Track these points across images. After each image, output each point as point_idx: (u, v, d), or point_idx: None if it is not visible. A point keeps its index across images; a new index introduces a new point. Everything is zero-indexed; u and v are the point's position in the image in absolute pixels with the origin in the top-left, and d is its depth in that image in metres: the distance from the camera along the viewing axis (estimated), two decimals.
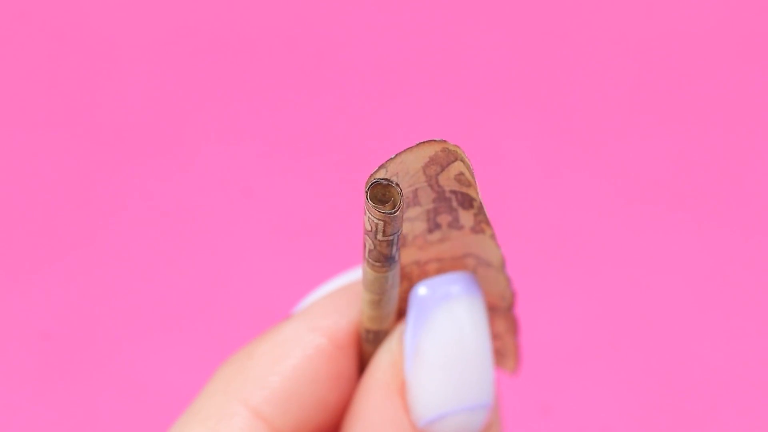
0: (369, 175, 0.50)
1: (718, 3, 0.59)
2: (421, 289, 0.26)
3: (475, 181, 0.24)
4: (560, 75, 0.57)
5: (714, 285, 0.52)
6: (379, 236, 0.23)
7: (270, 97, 0.57)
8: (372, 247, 0.24)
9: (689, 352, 0.51)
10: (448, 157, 0.24)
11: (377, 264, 0.24)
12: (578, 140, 0.56)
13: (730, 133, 0.56)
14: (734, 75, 0.58)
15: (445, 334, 0.26)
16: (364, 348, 0.27)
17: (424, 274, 0.27)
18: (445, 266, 0.26)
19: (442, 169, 0.24)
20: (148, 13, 0.59)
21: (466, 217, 0.25)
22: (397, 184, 0.23)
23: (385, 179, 0.23)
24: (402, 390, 0.26)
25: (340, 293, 0.27)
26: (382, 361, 0.26)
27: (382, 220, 0.23)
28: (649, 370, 0.50)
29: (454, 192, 0.25)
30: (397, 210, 0.23)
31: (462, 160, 0.24)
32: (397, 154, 0.24)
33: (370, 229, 0.23)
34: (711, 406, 0.50)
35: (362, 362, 0.27)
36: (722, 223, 0.54)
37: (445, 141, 0.24)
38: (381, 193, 0.23)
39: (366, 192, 0.23)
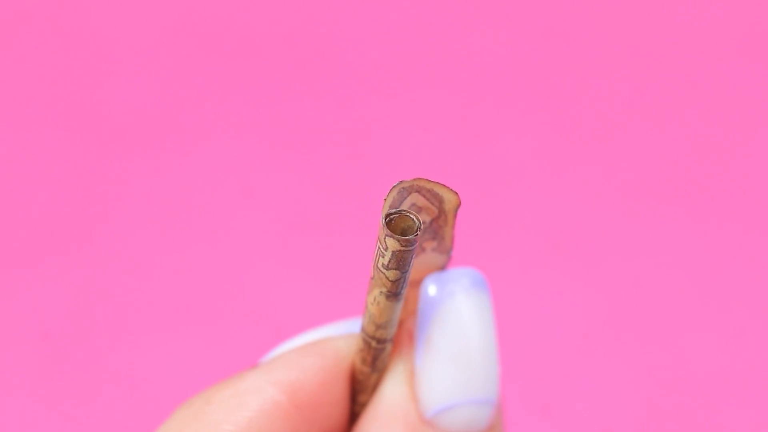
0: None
1: (718, 3, 0.59)
2: (431, 288, 0.26)
3: (434, 201, 0.25)
4: (561, 72, 0.57)
5: (715, 283, 0.52)
6: (390, 265, 0.23)
7: (270, 95, 0.57)
8: (384, 277, 0.24)
9: (690, 352, 0.51)
10: (402, 195, 0.24)
11: (390, 293, 0.24)
12: (579, 137, 0.56)
13: (731, 131, 0.56)
14: (734, 74, 0.57)
15: (452, 328, 0.26)
16: (358, 398, 0.27)
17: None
18: None
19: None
20: (147, 11, 0.59)
21: None
22: (417, 216, 0.23)
23: (402, 210, 0.23)
24: (411, 380, 0.26)
25: (309, 350, 0.27)
26: (395, 357, 0.27)
27: (399, 249, 0.23)
28: (650, 370, 0.50)
29: None
30: (415, 234, 0.23)
31: (419, 191, 0.24)
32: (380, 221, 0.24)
33: (383, 258, 0.23)
34: (712, 405, 0.49)
35: (352, 415, 0.27)
36: (723, 219, 0.54)
37: (401, 181, 0.24)
38: (397, 224, 0.23)
39: (384, 224, 0.23)
